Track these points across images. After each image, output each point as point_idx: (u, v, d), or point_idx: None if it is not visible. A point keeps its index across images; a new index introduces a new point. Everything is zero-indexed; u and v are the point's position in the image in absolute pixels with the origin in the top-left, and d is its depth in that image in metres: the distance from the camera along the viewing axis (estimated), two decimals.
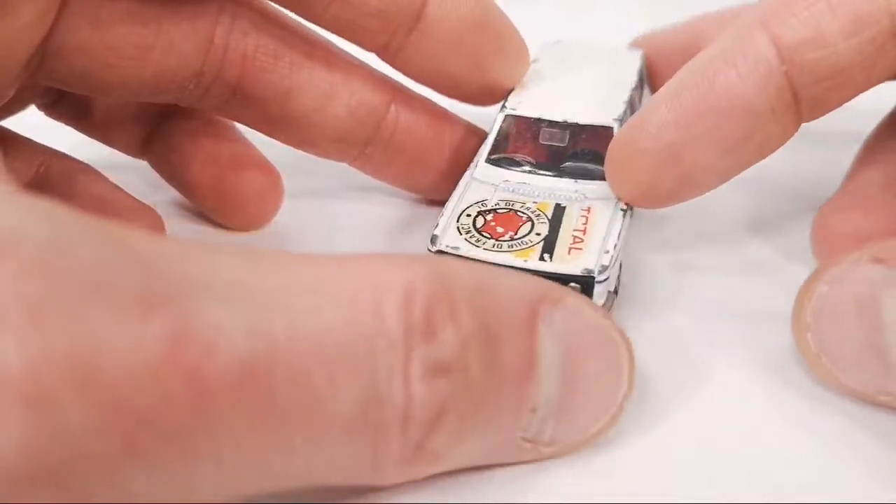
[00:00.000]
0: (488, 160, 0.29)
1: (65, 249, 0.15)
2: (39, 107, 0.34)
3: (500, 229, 0.26)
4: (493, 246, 0.26)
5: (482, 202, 0.27)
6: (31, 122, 0.33)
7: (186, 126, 0.34)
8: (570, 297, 0.21)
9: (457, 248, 0.25)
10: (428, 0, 0.29)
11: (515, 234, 0.26)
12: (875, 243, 0.24)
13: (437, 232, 0.26)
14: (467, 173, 0.29)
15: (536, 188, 0.29)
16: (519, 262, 0.25)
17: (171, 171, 0.35)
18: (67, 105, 0.34)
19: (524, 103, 0.31)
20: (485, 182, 0.29)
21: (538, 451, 0.21)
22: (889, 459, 0.22)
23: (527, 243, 0.26)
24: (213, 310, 0.16)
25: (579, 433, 0.21)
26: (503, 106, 0.31)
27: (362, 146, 0.32)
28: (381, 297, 0.18)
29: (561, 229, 0.26)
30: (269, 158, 0.34)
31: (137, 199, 0.31)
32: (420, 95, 0.33)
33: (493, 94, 0.32)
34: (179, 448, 0.16)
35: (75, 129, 0.35)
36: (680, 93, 0.27)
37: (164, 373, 0.15)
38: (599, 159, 0.29)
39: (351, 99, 0.31)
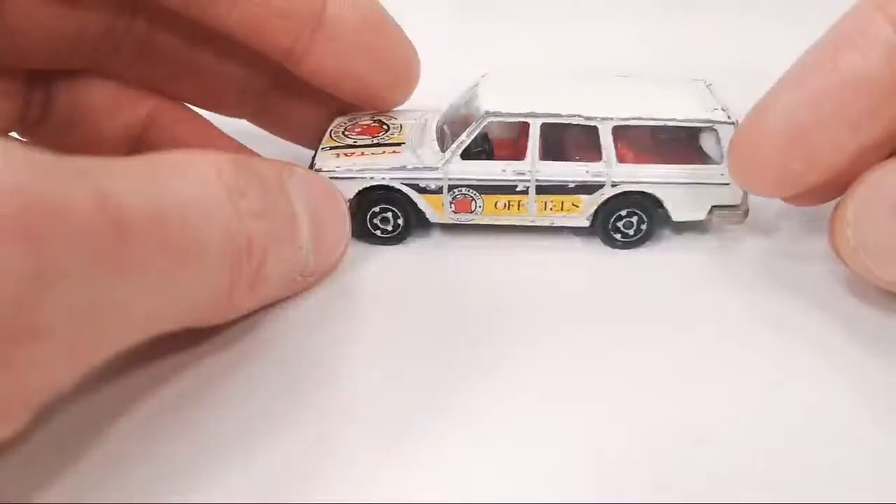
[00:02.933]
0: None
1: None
2: (20, 133, 0.36)
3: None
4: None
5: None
6: None
7: (169, 137, 0.37)
8: (298, 167, 0.30)
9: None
10: (327, 1, 0.32)
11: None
12: None
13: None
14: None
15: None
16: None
17: None
18: (48, 129, 0.37)
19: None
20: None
21: (307, 282, 0.31)
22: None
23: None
24: (116, 184, 0.21)
25: (328, 261, 0.32)
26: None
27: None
28: (205, 172, 0.25)
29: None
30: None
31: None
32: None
33: (393, 95, 0.36)
34: (117, 275, 0.21)
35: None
36: (804, 75, 0.28)
37: (96, 219, 0.20)
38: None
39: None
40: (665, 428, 0.26)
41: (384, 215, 0.35)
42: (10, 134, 0.36)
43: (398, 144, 0.35)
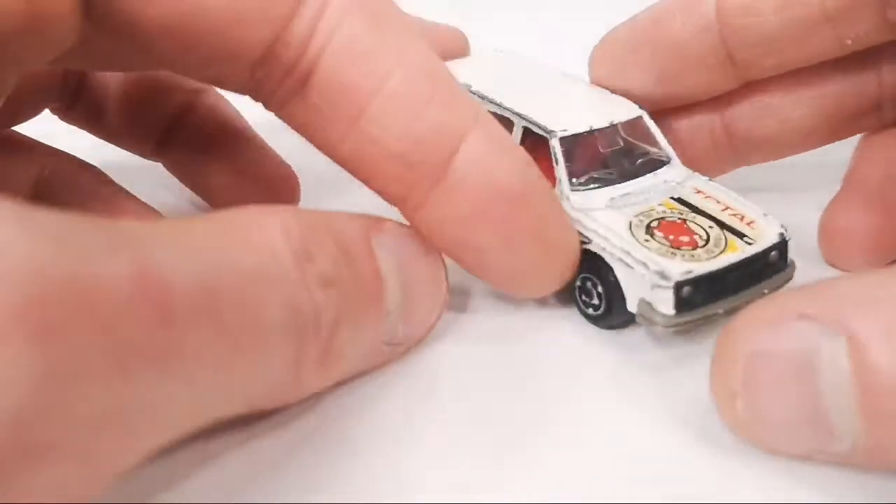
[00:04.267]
0: (575, 189, 0.30)
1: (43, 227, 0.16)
2: (53, 111, 0.36)
3: (682, 238, 0.28)
4: (705, 254, 0.27)
5: (628, 226, 0.28)
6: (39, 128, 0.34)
7: (202, 128, 0.35)
8: (389, 222, 0.26)
9: (689, 271, 0.26)
10: (458, 155, 0.25)
11: (698, 237, 0.28)
12: (793, 294, 0.23)
13: (657, 268, 0.26)
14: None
15: (639, 194, 0.30)
16: (736, 257, 0.27)
17: (186, 174, 0.36)
18: (82, 108, 0.36)
19: (553, 122, 0.30)
20: (592, 209, 0.29)
21: (395, 351, 0.27)
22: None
23: (719, 241, 0.28)
24: (162, 254, 0.18)
25: (419, 329, 0.27)
26: (546, 130, 0.30)
27: None
28: (268, 234, 0.21)
29: (713, 215, 0.29)
30: (285, 159, 0.35)
31: (142, 202, 0.32)
32: None
33: (523, 283, 0.28)
34: (158, 367, 0.17)
35: (90, 132, 0.37)
36: (635, 22, 0.33)
37: (135, 301, 0.17)
38: (644, 148, 0.32)
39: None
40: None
41: None
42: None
43: None
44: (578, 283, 0.29)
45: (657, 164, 0.32)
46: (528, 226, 0.26)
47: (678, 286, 0.26)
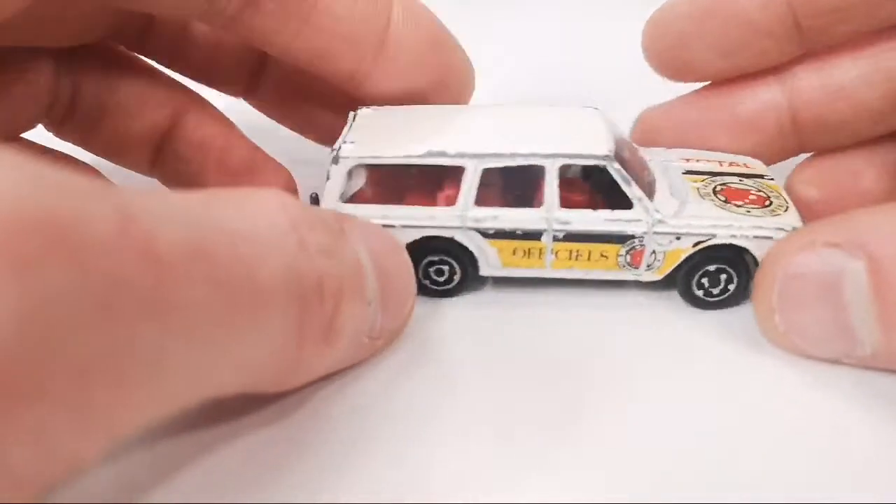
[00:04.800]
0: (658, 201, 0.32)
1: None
2: (47, 126, 0.35)
3: (751, 198, 0.32)
4: (778, 206, 0.31)
5: (719, 208, 0.31)
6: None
7: (194, 137, 0.35)
8: (358, 218, 0.27)
9: (797, 221, 0.31)
10: (390, 22, 0.30)
11: (754, 191, 0.32)
12: (821, 225, 0.27)
13: (796, 224, 0.30)
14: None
15: (671, 181, 0.33)
16: (792, 221, 0.31)
17: (183, 184, 0.36)
18: (75, 124, 0.35)
19: (590, 146, 0.30)
20: (679, 210, 0.31)
21: (375, 345, 0.27)
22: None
23: (763, 185, 0.33)
24: (147, 208, 0.17)
25: (395, 321, 0.28)
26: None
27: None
28: (265, 204, 0.22)
29: (721, 170, 0.33)
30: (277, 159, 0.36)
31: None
32: None
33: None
34: (148, 315, 0.17)
35: (84, 148, 0.36)
36: None
37: (118, 242, 0.16)
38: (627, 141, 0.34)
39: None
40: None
41: None
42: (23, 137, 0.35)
43: None
44: (699, 276, 0.31)
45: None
46: (451, 63, 0.33)
47: None
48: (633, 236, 0.31)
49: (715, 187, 0.32)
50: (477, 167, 0.30)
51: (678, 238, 0.31)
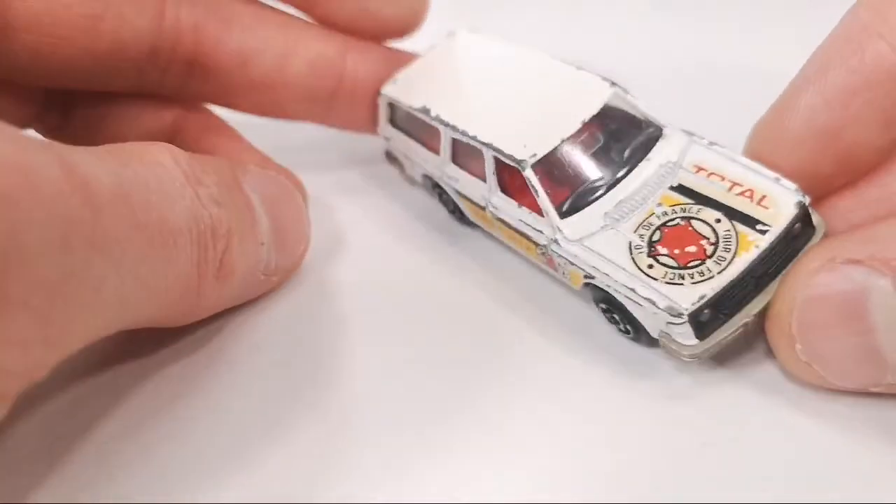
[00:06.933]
0: (564, 216, 0.28)
1: None
2: (40, 130, 0.35)
3: (689, 249, 0.26)
4: (715, 265, 0.25)
5: (628, 249, 0.27)
6: None
7: (199, 148, 0.35)
8: (251, 165, 0.30)
9: (702, 296, 0.25)
10: None
11: (706, 241, 0.26)
12: (840, 241, 0.24)
13: (666, 305, 0.25)
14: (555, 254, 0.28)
15: (635, 195, 0.28)
16: (750, 257, 0.25)
17: None
18: (72, 129, 0.35)
19: (519, 146, 0.29)
20: (588, 235, 0.27)
21: (270, 281, 0.31)
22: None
23: (728, 241, 0.26)
24: (80, 158, 0.21)
25: (289, 259, 0.31)
26: (513, 160, 0.29)
27: (328, 101, 0.34)
28: (158, 157, 0.25)
29: (719, 201, 0.27)
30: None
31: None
32: (369, 42, 0.34)
33: (407, 23, 0.34)
34: (93, 248, 0.20)
35: None
36: (825, 72, 0.26)
37: (67, 188, 0.20)
38: (628, 132, 0.29)
39: (308, 53, 0.32)
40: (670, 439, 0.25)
41: None
42: None
43: None
44: (603, 307, 0.28)
45: (648, 144, 0.29)
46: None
47: (693, 316, 0.25)
48: (539, 243, 0.29)
49: (667, 221, 0.27)
50: (447, 134, 0.32)
51: (572, 263, 0.28)
